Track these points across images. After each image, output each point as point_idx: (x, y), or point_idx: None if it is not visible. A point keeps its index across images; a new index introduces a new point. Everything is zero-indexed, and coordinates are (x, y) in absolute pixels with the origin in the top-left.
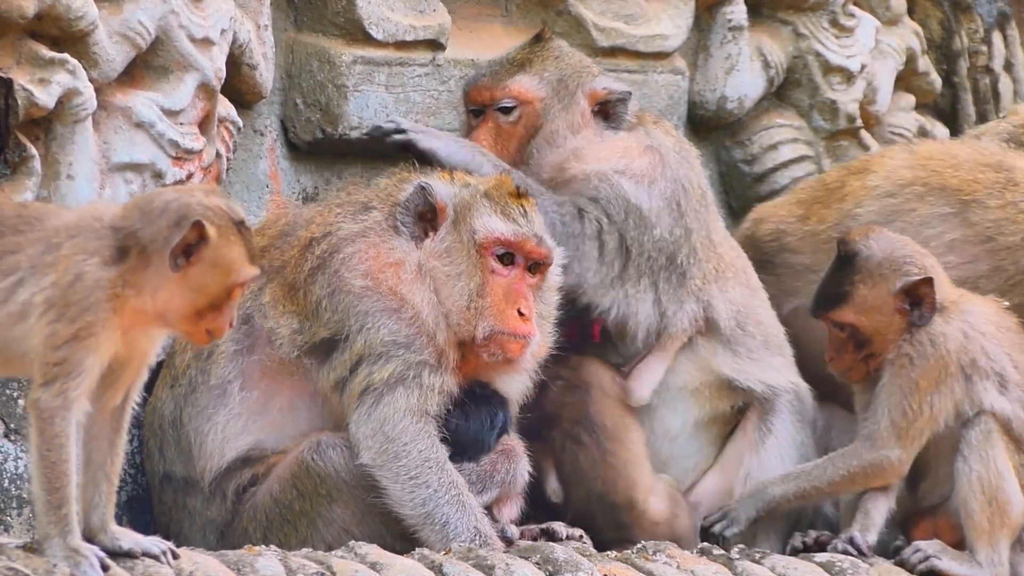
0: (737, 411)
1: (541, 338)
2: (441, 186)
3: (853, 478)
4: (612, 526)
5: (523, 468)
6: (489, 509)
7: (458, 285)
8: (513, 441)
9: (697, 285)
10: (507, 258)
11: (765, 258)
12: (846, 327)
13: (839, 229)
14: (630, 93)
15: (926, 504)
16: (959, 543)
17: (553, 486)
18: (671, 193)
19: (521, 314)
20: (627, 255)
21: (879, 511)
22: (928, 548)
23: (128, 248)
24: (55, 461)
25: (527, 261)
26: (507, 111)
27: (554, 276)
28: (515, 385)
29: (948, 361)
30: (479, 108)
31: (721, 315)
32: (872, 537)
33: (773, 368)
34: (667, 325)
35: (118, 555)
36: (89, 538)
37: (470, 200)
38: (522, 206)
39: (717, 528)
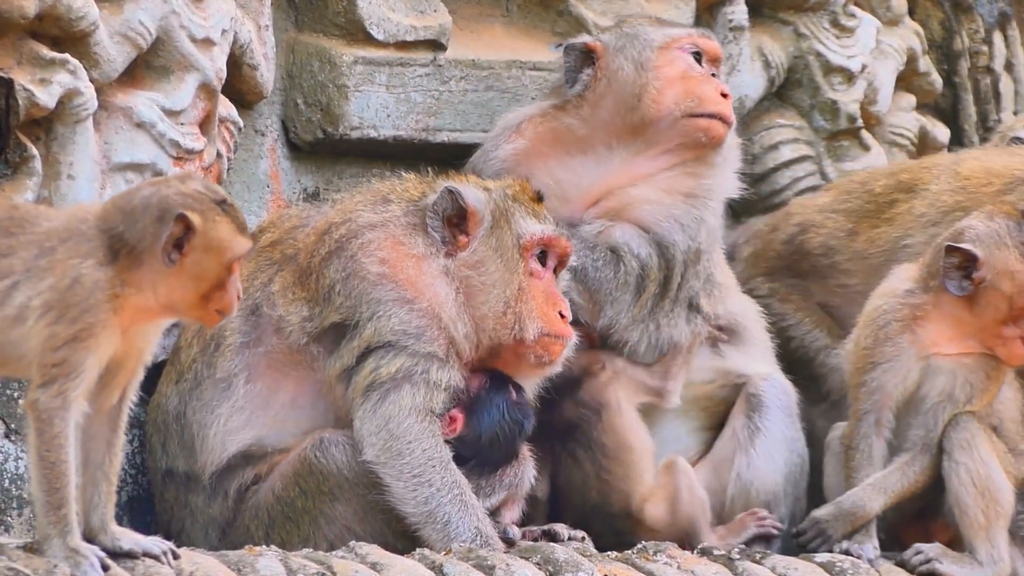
0: (720, 401)
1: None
2: (470, 191)
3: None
4: (609, 532)
5: (529, 472)
6: (492, 511)
7: (494, 292)
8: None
9: (720, 282)
10: (542, 258)
11: (814, 268)
12: None
13: (889, 256)
14: None
15: (914, 508)
16: (953, 543)
17: (542, 487)
18: (716, 205)
19: (562, 316)
20: (666, 291)
21: None
22: (929, 551)
23: (118, 249)
24: (54, 462)
25: (556, 261)
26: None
27: (563, 281)
28: (533, 388)
29: None
30: (699, 54)
31: (736, 312)
32: (875, 542)
33: (763, 361)
34: (699, 332)
35: (119, 555)
36: (90, 538)
37: (503, 204)
38: (543, 209)
39: (813, 545)
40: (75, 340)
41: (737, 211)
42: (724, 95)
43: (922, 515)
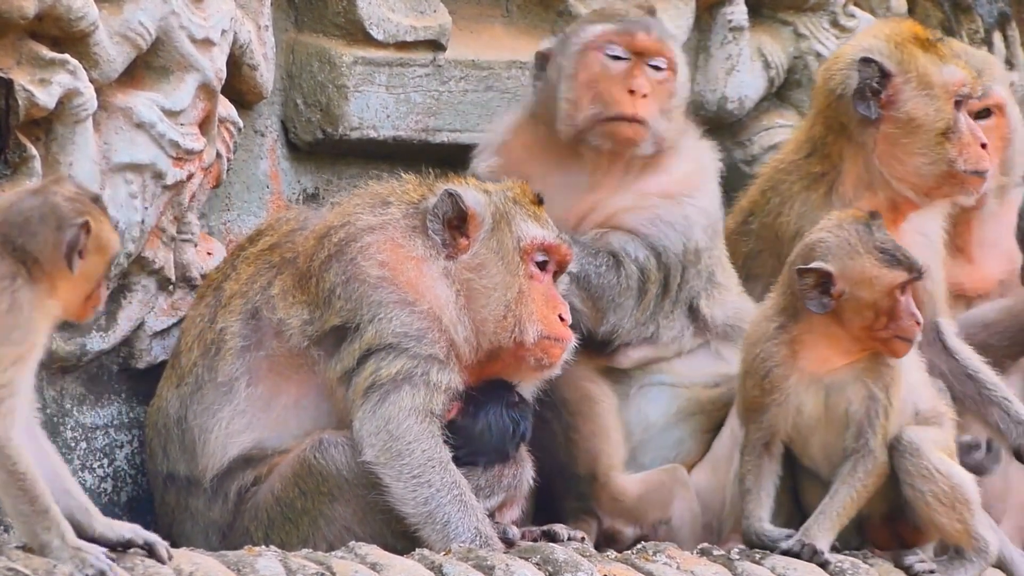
0: (721, 405)
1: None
2: (470, 194)
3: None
4: (572, 495)
5: (528, 474)
6: (491, 511)
7: (495, 294)
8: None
9: (720, 282)
10: (542, 262)
11: None
12: None
13: None
14: None
15: (881, 511)
16: (923, 542)
17: None
18: (715, 213)
19: (562, 319)
20: (667, 292)
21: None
22: (929, 558)
23: (26, 262)
24: (24, 472)
25: (556, 265)
26: (658, 69)
27: (562, 286)
28: (531, 389)
29: None
30: (627, 56)
31: (735, 314)
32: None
33: None
34: (700, 328)
35: (119, 546)
36: (85, 537)
37: (504, 207)
38: (543, 212)
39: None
40: (20, 360)
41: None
42: (632, 91)
43: (890, 517)
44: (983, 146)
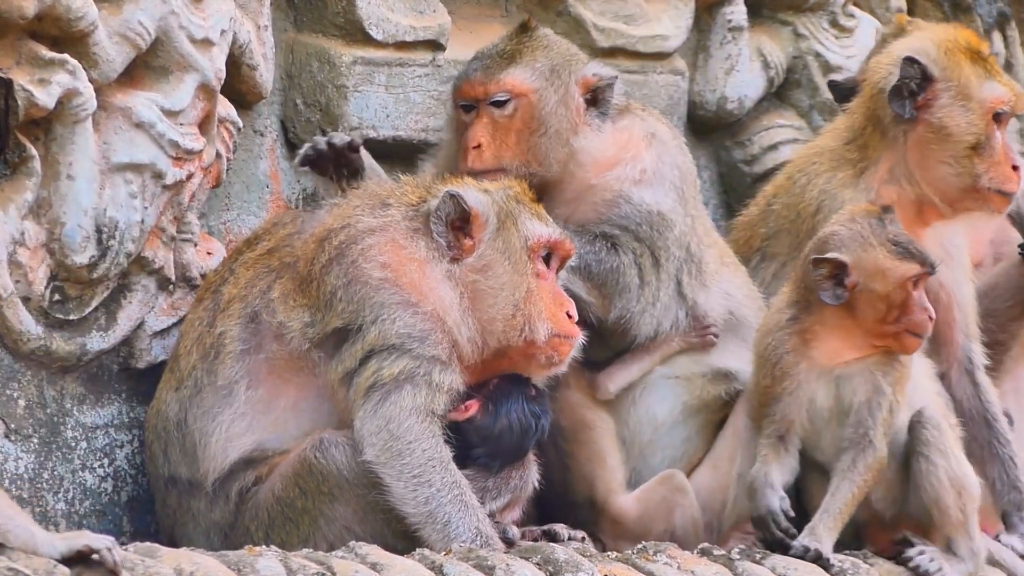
0: (724, 403)
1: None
2: (472, 194)
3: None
4: (573, 522)
5: (533, 475)
6: (494, 512)
7: (503, 294)
8: None
9: (714, 268)
10: (547, 259)
11: None
12: None
13: None
14: (616, 77)
15: (888, 515)
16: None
17: None
18: (678, 182)
19: (569, 316)
20: (658, 265)
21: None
22: (930, 552)
23: None
24: None
25: (559, 262)
26: (501, 104)
27: (560, 281)
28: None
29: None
30: (470, 103)
31: (741, 302)
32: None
33: None
34: (694, 319)
35: None
36: None
37: (507, 206)
38: (544, 211)
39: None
40: None
41: (736, 211)
42: (468, 147)
43: (890, 524)
44: (1015, 168)
